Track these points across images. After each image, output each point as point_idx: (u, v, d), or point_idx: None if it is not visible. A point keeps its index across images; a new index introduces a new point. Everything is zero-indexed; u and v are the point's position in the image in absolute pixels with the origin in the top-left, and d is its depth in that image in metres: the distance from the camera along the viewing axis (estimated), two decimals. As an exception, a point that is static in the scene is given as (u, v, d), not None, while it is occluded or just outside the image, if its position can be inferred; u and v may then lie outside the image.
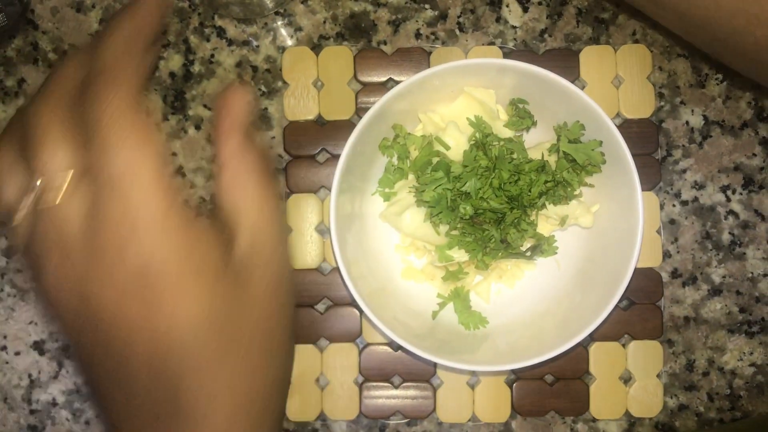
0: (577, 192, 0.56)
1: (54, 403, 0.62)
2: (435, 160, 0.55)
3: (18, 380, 0.62)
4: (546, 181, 0.54)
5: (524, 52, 0.62)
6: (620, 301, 0.53)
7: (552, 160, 0.56)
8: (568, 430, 0.62)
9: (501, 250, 0.55)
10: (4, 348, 0.62)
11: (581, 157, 0.54)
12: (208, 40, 0.63)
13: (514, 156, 0.55)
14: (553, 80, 0.53)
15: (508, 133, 0.57)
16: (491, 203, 0.53)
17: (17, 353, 0.62)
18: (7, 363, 0.62)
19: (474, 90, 0.56)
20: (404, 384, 0.61)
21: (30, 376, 0.62)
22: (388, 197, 0.58)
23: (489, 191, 0.53)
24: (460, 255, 0.57)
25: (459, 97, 0.56)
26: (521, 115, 0.56)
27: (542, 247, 0.57)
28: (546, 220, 0.57)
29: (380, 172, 0.59)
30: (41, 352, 0.62)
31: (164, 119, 0.62)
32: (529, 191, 0.54)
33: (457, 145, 0.55)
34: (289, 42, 0.62)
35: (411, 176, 0.58)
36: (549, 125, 0.57)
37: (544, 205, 0.55)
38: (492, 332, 0.58)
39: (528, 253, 0.57)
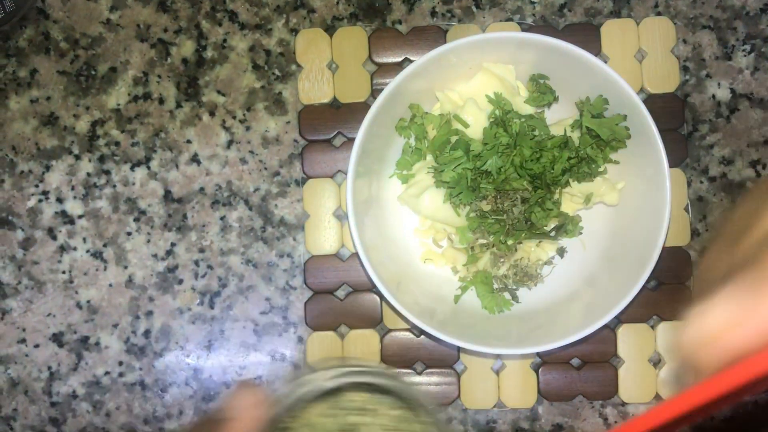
0: (601, 169, 0.54)
1: (74, 395, 0.62)
2: (454, 138, 0.54)
3: (38, 373, 0.62)
4: (569, 158, 0.52)
5: (543, 27, 0.60)
6: (648, 281, 0.51)
7: (575, 136, 0.54)
8: (596, 414, 0.60)
9: (524, 230, 0.54)
10: (23, 341, 0.62)
11: (605, 133, 0.52)
12: (220, 25, 0.62)
13: (536, 133, 0.53)
14: (574, 53, 0.51)
15: (528, 109, 0.55)
16: (513, 184, 0.52)
17: (36, 346, 0.62)
18: (26, 356, 0.62)
19: (493, 66, 0.54)
20: (427, 370, 0.60)
21: (50, 368, 0.62)
22: (406, 179, 0.57)
23: (511, 169, 0.51)
24: (482, 236, 0.55)
25: (477, 73, 0.55)
26: (542, 91, 0.55)
27: (567, 227, 0.55)
28: (570, 199, 0.56)
29: (398, 153, 0.57)
30: (60, 344, 0.62)
31: (178, 106, 0.62)
32: (552, 168, 0.52)
33: (476, 122, 0.54)
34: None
35: (429, 157, 0.56)
36: (571, 101, 0.55)
37: (567, 183, 0.54)
38: (516, 315, 0.57)
39: (552, 234, 0.55)
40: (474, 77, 0.55)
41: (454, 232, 0.57)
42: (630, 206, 0.55)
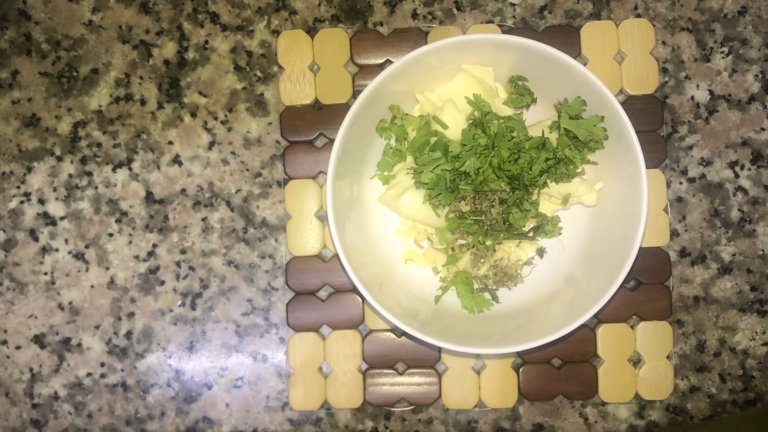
0: (579, 170, 0.55)
1: (56, 397, 0.62)
2: (433, 140, 0.54)
3: (19, 374, 0.62)
4: (547, 159, 0.53)
5: (524, 29, 0.61)
6: (627, 281, 0.51)
7: (553, 137, 0.54)
8: (576, 414, 0.60)
9: (503, 231, 0.54)
10: (5, 342, 0.62)
11: (583, 134, 0.53)
12: (201, 26, 0.62)
13: (514, 134, 0.54)
14: (552, 55, 0.51)
15: (507, 111, 0.56)
16: (491, 185, 0.52)
17: (18, 347, 0.62)
18: (8, 357, 0.62)
19: (472, 68, 0.55)
20: (409, 371, 0.60)
21: (31, 370, 0.62)
22: (387, 180, 0.57)
23: (489, 170, 0.52)
24: (461, 237, 0.56)
25: (457, 75, 0.55)
26: (521, 93, 0.55)
27: (546, 227, 0.56)
28: (549, 200, 0.56)
29: (379, 155, 0.58)
30: (42, 346, 0.62)
31: (159, 107, 0.62)
32: (530, 169, 0.52)
33: (455, 124, 0.54)
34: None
35: (410, 158, 0.56)
36: (549, 102, 0.56)
37: (545, 184, 0.54)
38: (497, 315, 0.57)
39: (531, 234, 0.56)
40: (453, 79, 0.55)
41: (435, 232, 0.57)
42: (608, 207, 0.56)
